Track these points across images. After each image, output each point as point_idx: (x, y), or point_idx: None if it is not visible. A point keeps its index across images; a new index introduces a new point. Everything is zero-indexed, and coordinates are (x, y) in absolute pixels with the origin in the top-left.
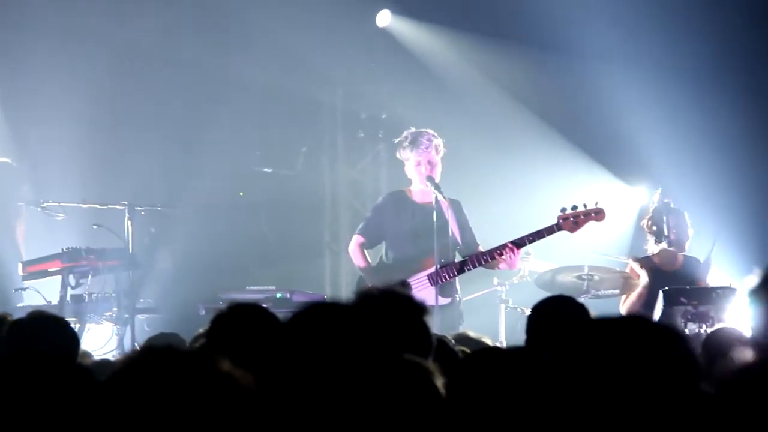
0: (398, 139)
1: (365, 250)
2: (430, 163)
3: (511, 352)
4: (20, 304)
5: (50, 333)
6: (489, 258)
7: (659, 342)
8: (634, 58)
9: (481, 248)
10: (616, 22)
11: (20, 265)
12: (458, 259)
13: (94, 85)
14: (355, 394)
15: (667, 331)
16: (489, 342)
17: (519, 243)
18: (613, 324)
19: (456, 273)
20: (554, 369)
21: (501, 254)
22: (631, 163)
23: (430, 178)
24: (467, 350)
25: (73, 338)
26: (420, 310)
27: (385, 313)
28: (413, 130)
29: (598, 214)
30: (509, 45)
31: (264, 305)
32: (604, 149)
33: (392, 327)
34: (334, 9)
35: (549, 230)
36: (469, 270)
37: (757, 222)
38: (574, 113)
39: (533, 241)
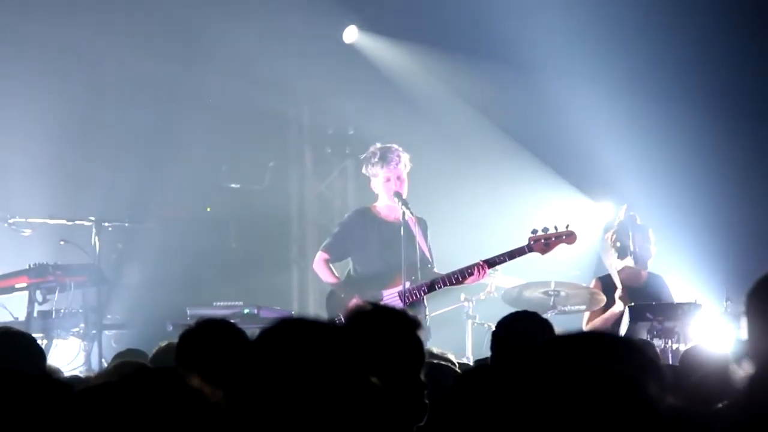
0: (365, 155)
1: (330, 266)
2: (399, 178)
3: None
4: None
5: (16, 349)
6: (460, 277)
7: (623, 354)
8: (599, 76)
9: (436, 271)
10: (582, 40)
11: None
12: (422, 275)
13: (60, 100)
14: (327, 411)
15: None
16: (452, 358)
17: (491, 262)
18: (575, 339)
19: (426, 291)
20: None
21: (472, 273)
22: (596, 178)
23: (398, 194)
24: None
25: (40, 354)
26: (414, 325)
27: (379, 328)
28: (380, 145)
29: (569, 237)
30: (476, 61)
31: (231, 321)
32: (570, 165)
33: (385, 342)
34: (301, 25)
35: (520, 251)
36: (439, 288)
37: (722, 238)
38: (540, 129)
39: (504, 261)
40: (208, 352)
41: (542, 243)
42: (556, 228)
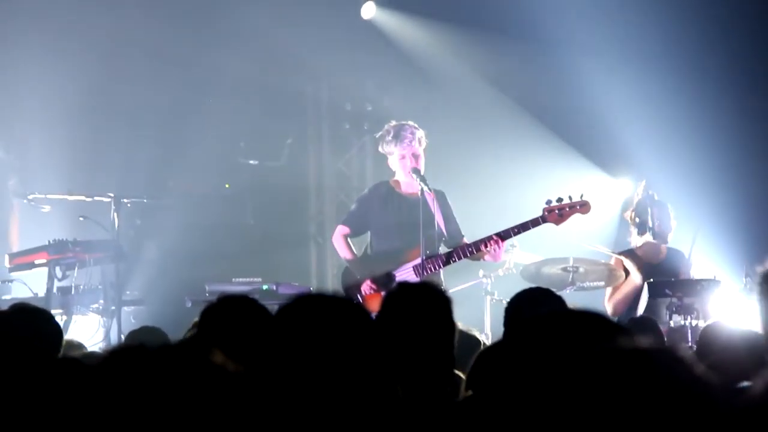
0: (380, 134)
1: (349, 241)
2: (414, 155)
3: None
4: (6, 296)
5: (33, 325)
6: (474, 250)
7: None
8: (618, 51)
9: (466, 239)
10: (600, 14)
11: (6, 257)
12: (443, 250)
13: (78, 77)
14: (345, 386)
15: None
16: (477, 334)
17: (504, 235)
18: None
19: (442, 264)
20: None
21: (486, 246)
22: (615, 155)
23: (416, 170)
24: None
25: (57, 331)
26: (447, 300)
27: (415, 302)
28: (394, 123)
29: (583, 207)
30: (494, 37)
31: (251, 296)
32: (588, 141)
33: (420, 315)
34: (319, 2)
35: (534, 222)
36: (454, 261)
37: (741, 214)
38: (559, 105)
39: (518, 233)
40: (230, 328)
41: (556, 213)
42: (570, 198)
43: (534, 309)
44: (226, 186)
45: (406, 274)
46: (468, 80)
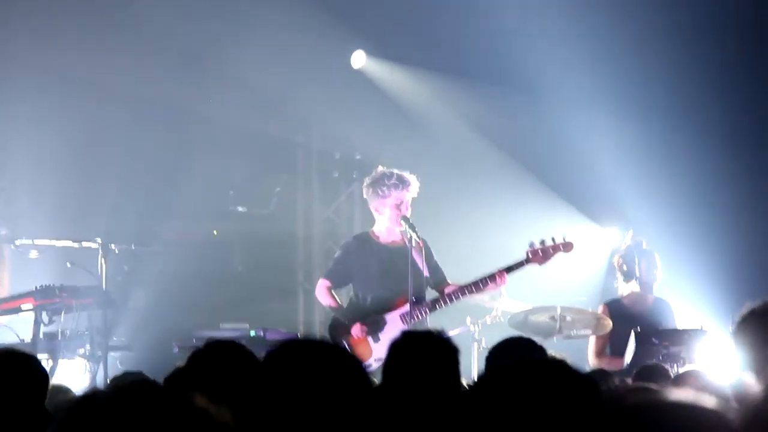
0: (377, 176)
1: (333, 292)
2: (406, 203)
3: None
4: None
5: (19, 370)
6: (460, 294)
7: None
8: (605, 101)
9: (450, 282)
10: (587, 65)
11: None
12: (429, 295)
13: (67, 124)
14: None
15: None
16: (464, 382)
17: (490, 278)
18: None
19: (429, 312)
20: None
21: (471, 291)
22: (603, 204)
23: (405, 218)
24: None
25: (43, 376)
26: (454, 350)
27: (421, 352)
28: (397, 171)
29: (566, 247)
30: (482, 87)
31: (238, 342)
32: (576, 190)
33: (426, 366)
34: (308, 50)
35: (518, 264)
36: (440, 308)
37: (728, 264)
38: (546, 154)
39: (503, 276)
40: (217, 373)
41: (540, 254)
42: (553, 239)
43: (514, 358)
44: (215, 233)
45: (393, 322)
46: (457, 129)
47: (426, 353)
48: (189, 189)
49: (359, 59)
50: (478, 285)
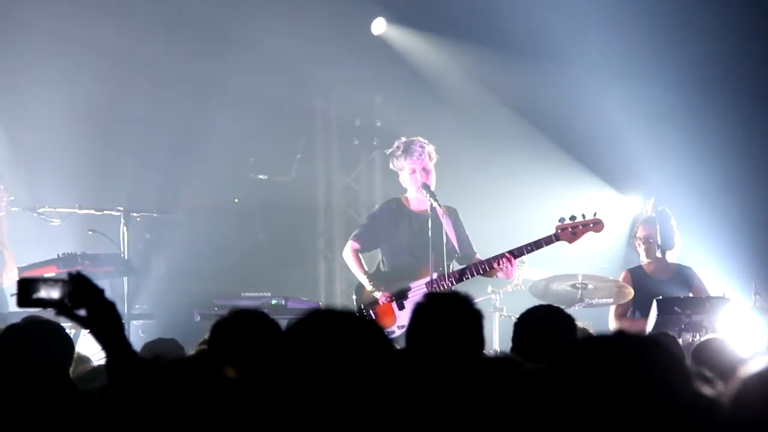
0: (390, 150)
1: (360, 256)
2: (424, 170)
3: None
4: (18, 310)
5: (45, 338)
6: (487, 267)
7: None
8: (627, 68)
9: (479, 256)
10: (610, 31)
11: (16, 270)
12: (456, 266)
13: (88, 91)
14: (355, 402)
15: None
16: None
17: (517, 253)
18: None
19: (455, 282)
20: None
21: (499, 264)
22: (625, 172)
23: (426, 186)
24: None
25: (68, 344)
26: (478, 314)
27: (445, 314)
28: (404, 139)
29: (596, 225)
30: (505, 54)
31: (261, 311)
32: (598, 158)
33: (448, 328)
34: (329, 17)
35: (547, 240)
36: (467, 279)
37: (751, 232)
38: (569, 122)
39: (531, 251)
40: (242, 342)
41: (569, 231)
42: (583, 216)
43: (543, 326)
44: (235, 201)
45: (419, 291)
46: (478, 97)
47: (450, 316)
48: (210, 157)
49: (380, 26)
50: (488, 265)
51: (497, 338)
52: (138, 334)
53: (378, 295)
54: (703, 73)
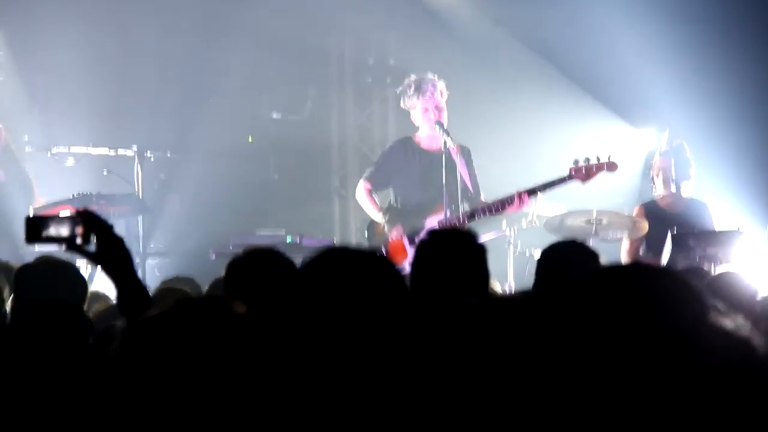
0: (400, 89)
1: (373, 195)
2: (437, 108)
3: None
4: (31, 249)
5: (59, 278)
6: (501, 207)
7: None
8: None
9: (483, 198)
10: None
11: (31, 210)
12: (467, 206)
13: (101, 31)
14: (369, 338)
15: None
16: (497, 285)
17: (531, 192)
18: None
19: (467, 220)
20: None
21: (512, 203)
22: (639, 105)
23: (440, 124)
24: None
25: (82, 283)
26: (481, 248)
27: (448, 250)
28: (414, 77)
29: (610, 166)
30: None
31: (276, 249)
32: (612, 93)
33: (452, 263)
34: None
35: (561, 180)
36: (480, 217)
37: (765, 165)
38: (581, 57)
39: (545, 190)
40: (257, 281)
41: (583, 172)
42: (597, 158)
43: (567, 261)
44: (249, 139)
45: (430, 227)
46: (490, 32)
47: (453, 251)
48: (223, 96)
49: None
50: (502, 204)
51: (512, 274)
52: (153, 273)
53: (390, 231)
54: (718, 3)
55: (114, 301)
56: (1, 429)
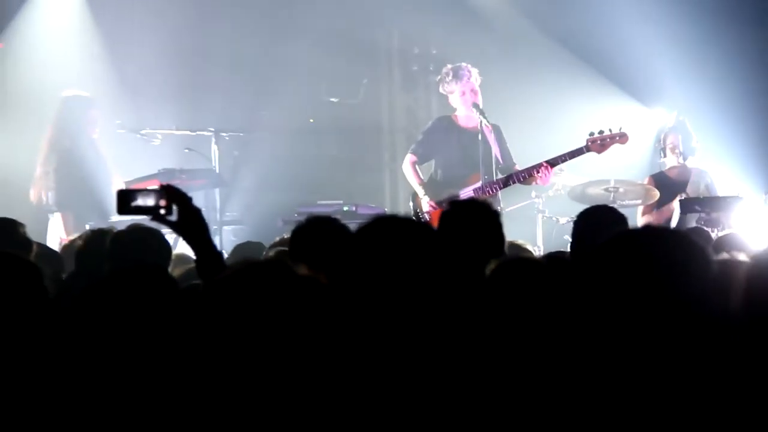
0: (439, 77)
1: (417, 167)
2: (473, 91)
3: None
4: (125, 218)
5: (147, 243)
6: (527, 175)
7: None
8: None
9: (518, 167)
10: None
11: (123, 183)
12: (500, 176)
13: (182, 28)
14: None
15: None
16: (530, 248)
17: (553, 162)
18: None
19: (501, 187)
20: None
21: (538, 172)
22: (650, 87)
23: (476, 105)
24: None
25: (167, 248)
26: (495, 214)
27: (467, 217)
28: (450, 66)
29: (622, 138)
30: None
31: (334, 217)
32: (626, 76)
33: (472, 229)
34: None
35: (579, 151)
36: (513, 184)
37: (764, 136)
38: (599, 43)
39: (565, 160)
40: (317, 244)
41: (598, 143)
42: (610, 130)
43: (599, 223)
44: (311, 121)
45: (467, 196)
46: (517, 23)
47: (470, 218)
48: (288, 83)
49: None
50: (528, 173)
51: (541, 237)
52: (230, 238)
53: (428, 202)
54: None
55: (193, 264)
56: (101, 379)
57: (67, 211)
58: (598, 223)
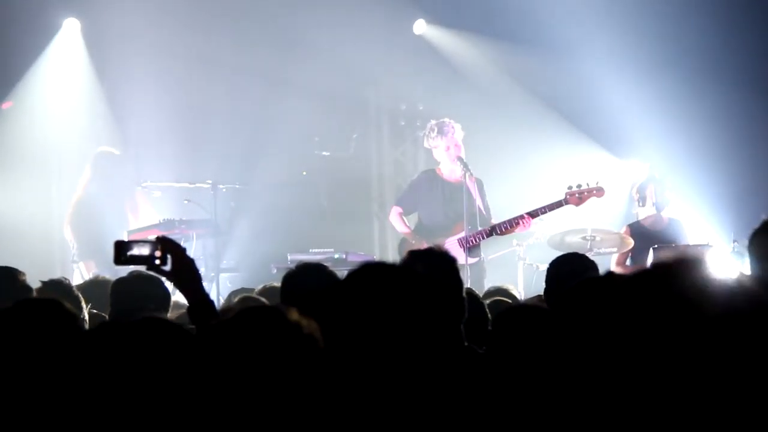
0: (424, 132)
1: (404, 218)
2: (456, 145)
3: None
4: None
5: (146, 289)
6: (509, 226)
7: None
8: (626, 54)
9: (494, 221)
10: (607, 9)
11: (125, 234)
12: (478, 225)
13: (183, 88)
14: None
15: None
16: (513, 290)
17: (533, 214)
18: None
19: (485, 237)
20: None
21: (518, 223)
22: (624, 141)
23: (461, 159)
24: (506, 300)
25: (166, 294)
26: (452, 261)
27: (426, 267)
28: (434, 121)
29: (599, 191)
30: (521, 45)
31: (324, 264)
32: (602, 131)
33: (431, 281)
34: (378, 20)
35: (558, 204)
36: (497, 234)
37: (731, 190)
38: (576, 102)
39: (545, 212)
40: (306, 289)
41: (576, 197)
42: (588, 184)
43: (571, 270)
44: (304, 173)
45: (452, 245)
46: (498, 81)
47: (428, 266)
48: (282, 138)
49: (420, 27)
50: (510, 224)
51: (521, 283)
52: (226, 285)
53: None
54: (691, 63)
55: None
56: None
57: (89, 260)
58: (569, 270)
